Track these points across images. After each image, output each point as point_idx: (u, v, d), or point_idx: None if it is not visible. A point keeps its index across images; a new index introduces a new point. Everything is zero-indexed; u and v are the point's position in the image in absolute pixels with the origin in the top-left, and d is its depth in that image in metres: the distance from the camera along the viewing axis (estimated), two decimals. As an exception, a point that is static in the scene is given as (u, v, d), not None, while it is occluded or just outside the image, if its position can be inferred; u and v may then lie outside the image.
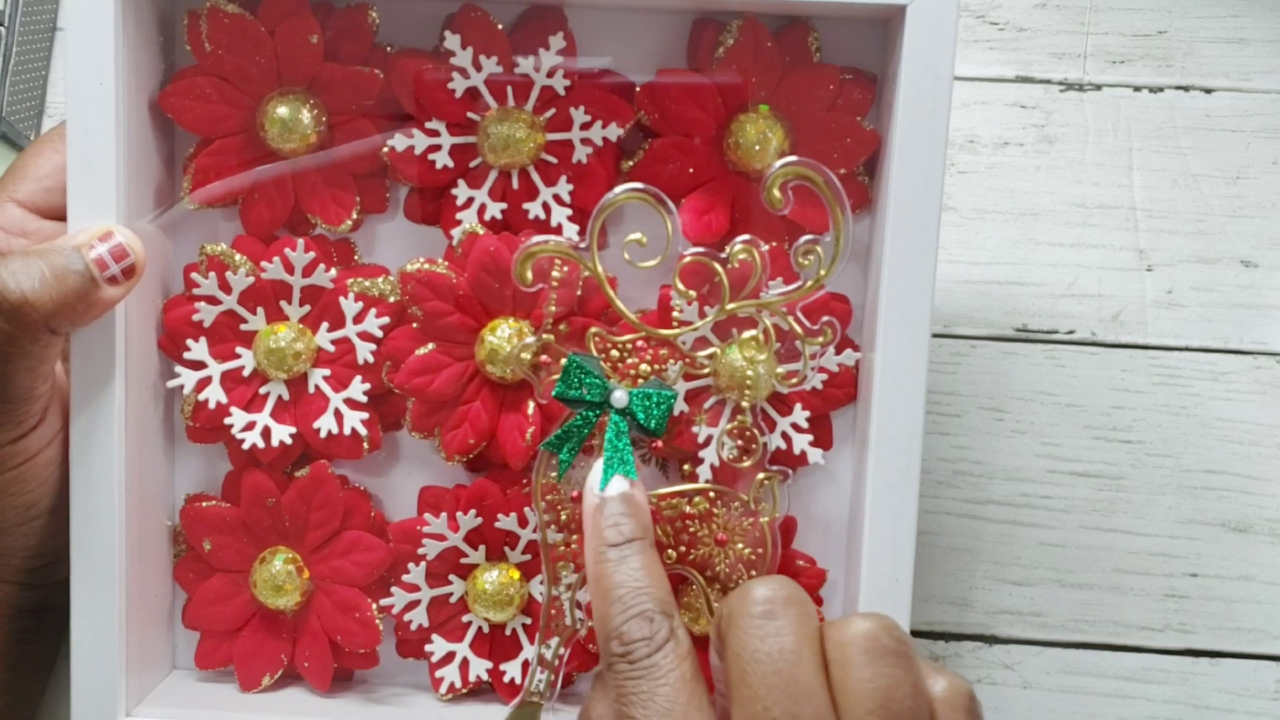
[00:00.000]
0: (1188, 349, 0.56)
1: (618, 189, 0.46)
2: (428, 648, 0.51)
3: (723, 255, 0.46)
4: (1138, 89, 0.58)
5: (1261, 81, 0.58)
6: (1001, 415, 0.57)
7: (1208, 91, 0.58)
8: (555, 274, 0.47)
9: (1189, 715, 0.55)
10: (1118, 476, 0.57)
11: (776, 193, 0.45)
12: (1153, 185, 0.57)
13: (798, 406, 0.49)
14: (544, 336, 0.47)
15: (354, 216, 0.50)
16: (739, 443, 0.47)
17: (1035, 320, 0.47)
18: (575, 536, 0.47)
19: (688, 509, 0.47)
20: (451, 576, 0.51)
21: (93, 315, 0.46)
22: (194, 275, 0.49)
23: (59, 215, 0.48)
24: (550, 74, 0.48)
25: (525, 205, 0.49)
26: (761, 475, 0.47)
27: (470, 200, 0.49)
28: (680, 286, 0.46)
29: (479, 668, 0.51)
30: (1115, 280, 0.57)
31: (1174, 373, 0.57)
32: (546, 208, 0.49)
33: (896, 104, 0.45)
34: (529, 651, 0.51)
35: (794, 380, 0.47)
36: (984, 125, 0.58)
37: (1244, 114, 0.57)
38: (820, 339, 0.46)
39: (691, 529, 0.47)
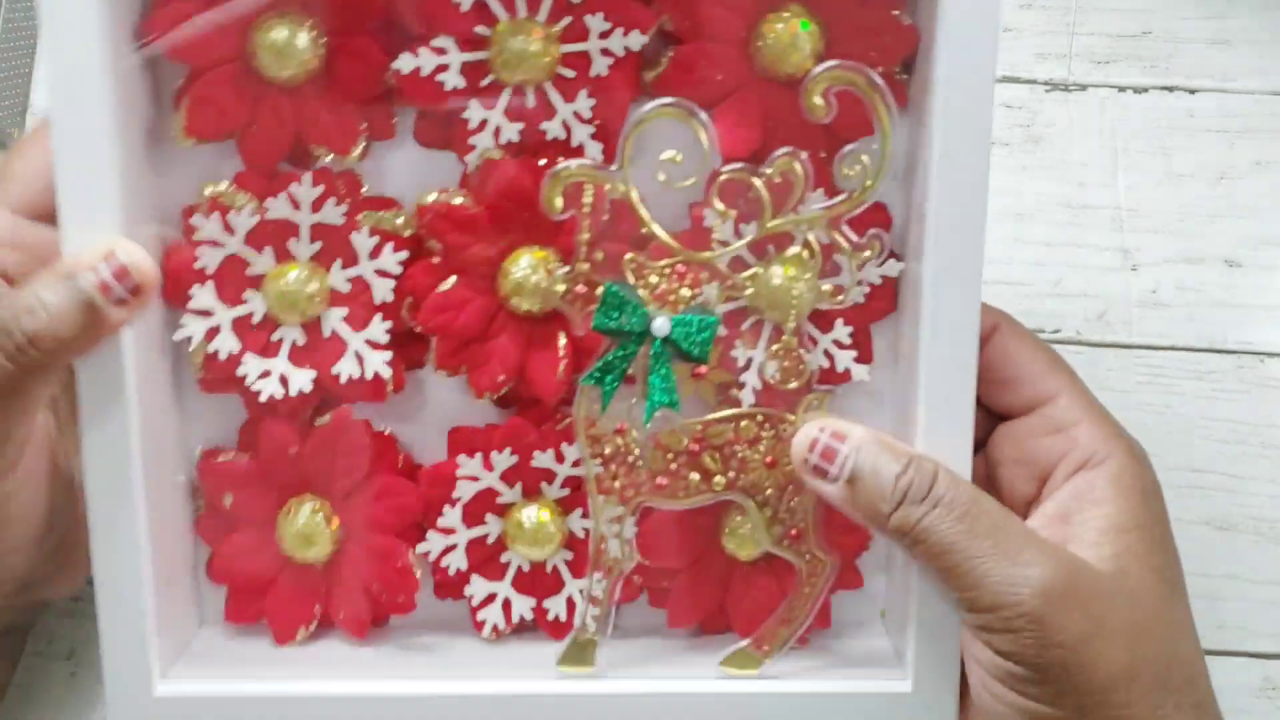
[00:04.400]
0: (1172, 348, 0.56)
1: (648, 105, 0.43)
2: (467, 590, 0.50)
3: (763, 169, 0.44)
4: (1122, 89, 0.58)
5: (1245, 82, 0.58)
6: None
7: (1192, 92, 0.58)
8: (586, 199, 0.44)
9: None
10: None
11: (818, 99, 0.43)
12: (1137, 185, 0.57)
13: (839, 322, 0.47)
14: (579, 266, 0.44)
15: (360, 145, 0.47)
16: (785, 364, 0.45)
17: (1021, 319, 0.47)
18: (620, 469, 0.46)
19: (735, 431, 0.45)
20: (488, 516, 0.49)
21: (101, 341, 0.43)
22: (194, 219, 0.46)
23: (52, 217, 0.45)
24: (563, -20, 0.45)
25: (543, 125, 0.46)
26: (809, 396, 0.45)
27: (484, 123, 0.46)
28: (719, 206, 0.44)
29: (522, 606, 0.50)
30: (1100, 280, 0.57)
31: (1159, 372, 0.56)
32: (566, 126, 0.46)
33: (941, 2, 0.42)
34: (572, 587, 0.50)
35: (840, 297, 0.45)
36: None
37: (1228, 114, 0.57)
38: (867, 253, 0.44)
39: (740, 454, 0.46)
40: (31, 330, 0.41)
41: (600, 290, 0.44)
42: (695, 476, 0.46)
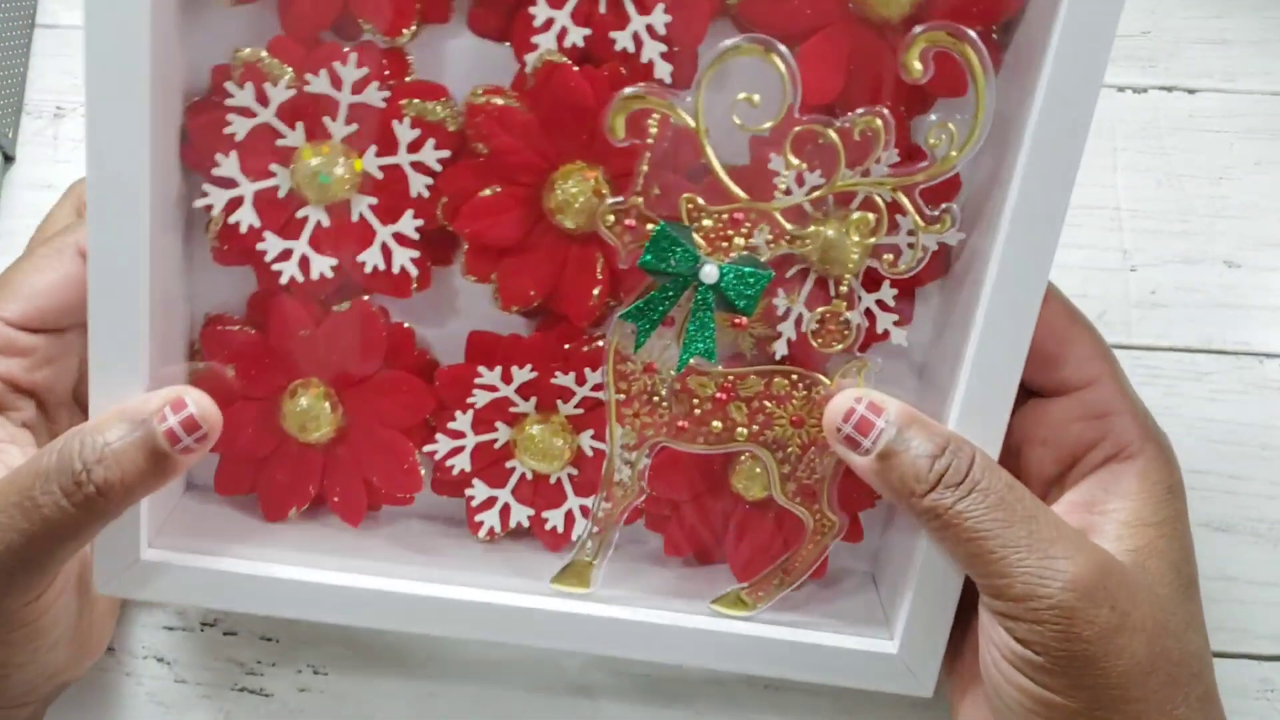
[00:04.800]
0: (1171, 349, 0.56)
1: (731, 40, 0.40)
2: (468, 491, 0.49)
3: (841, 122, 0.41)
4: (1122, 89, 0.56)
5: (1245, 82, 0.56)
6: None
7: (1191, 92, 0.56)
8: (651, 129, 0.41)
9: None
10: None
11: (916, 61, 0.40)
12: (1136, 185, 0.56)
13: (885, 283, 0.45)
14: (633, 199, 0.42)
15: (413, 26, 0.43)
16: (830, 326, 0.44)
17: None
18: (642, 407, 0.45)
19: (766, 386, 0.44)
20: (498, 424, 0.48)
21: (166, 485, 0.42)
22: (228, 85, 0.43)
23: (50, 330, 0.45)
24: (658, -122, 0.41)
25: (612, 34, 0.43)
26: (850, 362, 0.44)
27: (550, 22, 0.42)
28: (791, 158, 0.41)
29: (520, 514, 0.49)
30: (1099, 280, 0.56)
31: (1157, 373, 0.56)
32: (637, 40, 0.43)
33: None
34: (573, 502, 0.49)
35: (901, 267, 0.43)
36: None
37: (1228, 115, 0.56)
38: (938, 226, 0.42)
39: (768, 409, 0.45)
40: (102, 479, 0.40)
41: (651, 228, 0.41)
42: (718, 424, 0.45)
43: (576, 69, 0.43)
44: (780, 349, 0.45)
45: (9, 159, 0.56)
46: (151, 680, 0.53)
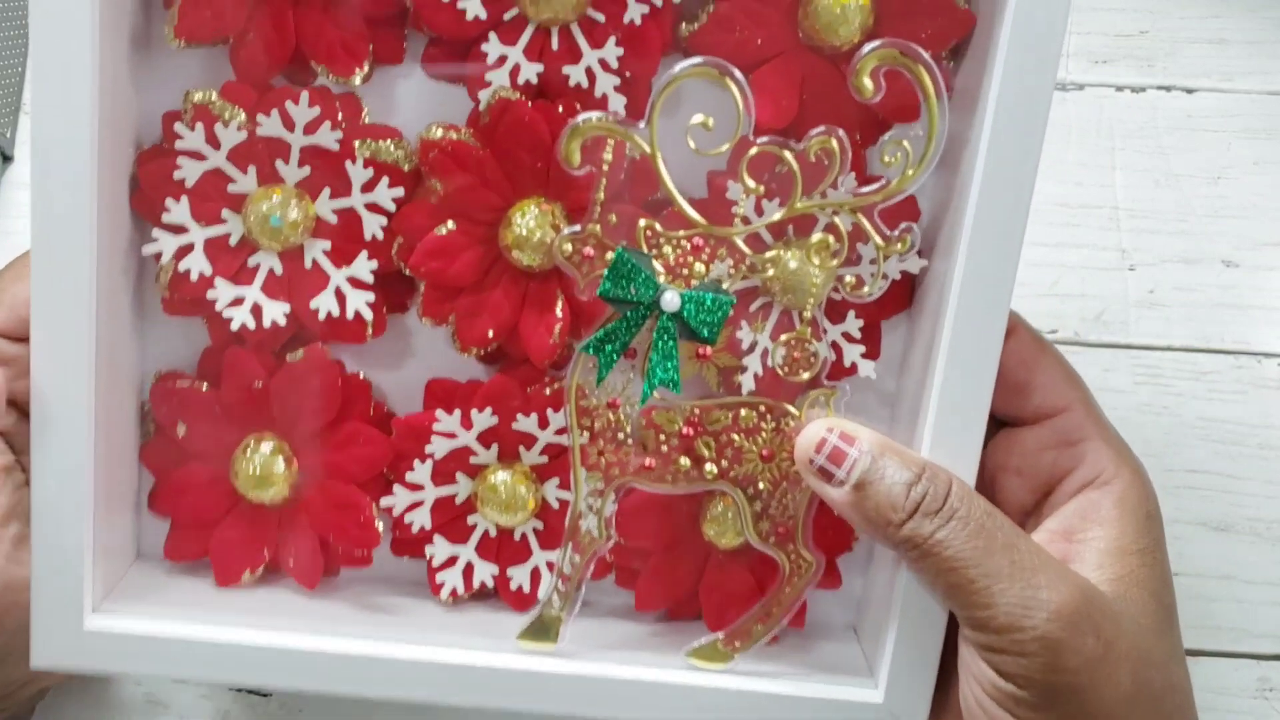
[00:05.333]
0: (1170, 349, 0.56)
1: (685, 63, 0.40)
2: (428, 549, 0.47)
3: (797, 145, 0.41)
4: (1120, 89, 0.56)
5: (1243, 82, 0.57)
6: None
7: (1189, 92, 0.57)
8: (606, 156, 0.41)
9: None
10: None
11: (867, 80, 0.40)
12: (1135, 185, 0.56)
13: (851, 314, 0.45)
14: (590, 227, 0.41)
15: (365, 68, 0.43)
16: (794, 354, 0.43)
17: None
18: (607, 445, 0.43)
19: (734, 419, 0.43)
20: (459, 475, 0.46)
21: None
22: (177, 126, 0.42)
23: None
24: (605, -85, 0.41)
25: (565, 69, 0.43)
26: (816, 392, 0.43)
27: (503, 58, 0.43)
28: (748, 181, 0.41)
29: (484, 572, 0.47)
30: (1098, 280, 0.56)
31: (1156, 372, 0.56)
32: (590, 74, 0.43)
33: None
34: (539, 558, 0.47)
35: (864, 290, 0.43)
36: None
37: (1226, 114, 0.56)
38: (899, 246, 0.42)
39: (736, 443, 0.43)
40: None
41: (610, 255, 0.41)
42: (685, 461, 0.43)
43: (530, 104, 0.43)
44: (747, 382, 0.44)
45: (8, 159, 0.54)
46: (151, 680, 0.52)
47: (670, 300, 0.41)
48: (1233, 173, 0.56)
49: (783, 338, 0.43)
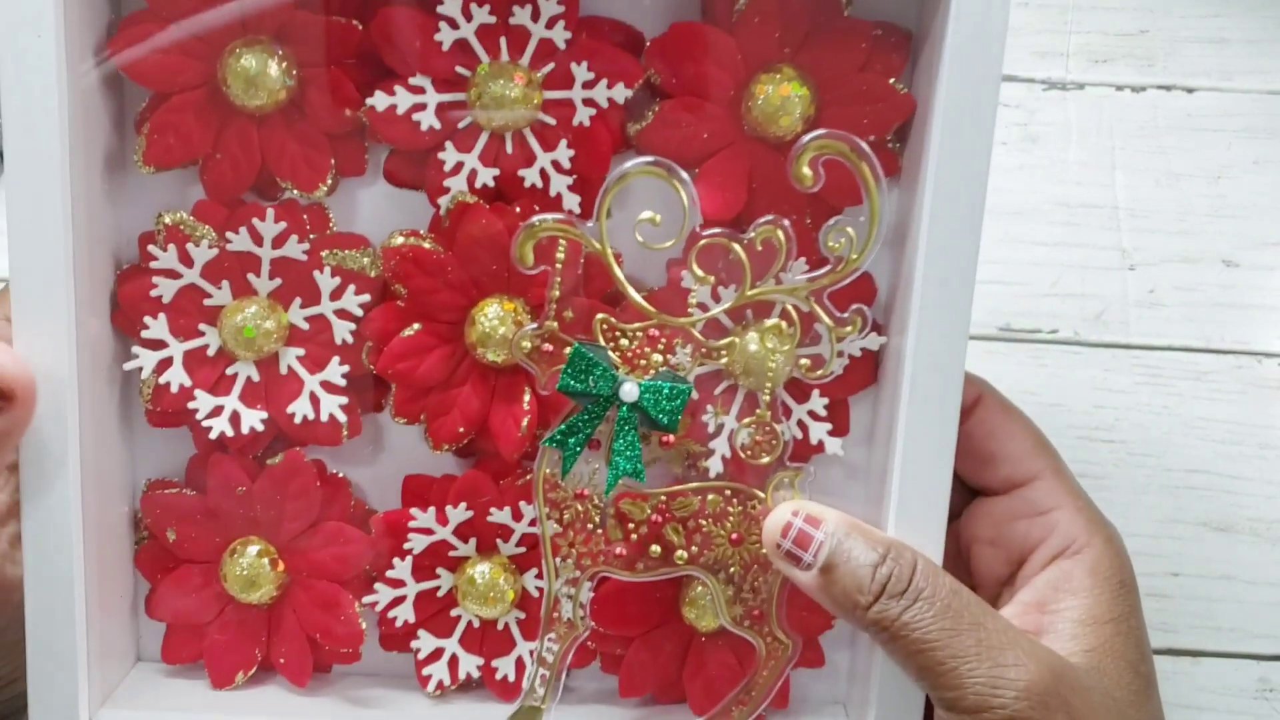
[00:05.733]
0: (1170, 348, 0.56)
1: (629, 163, 0.41)
2: (414, 644, 0.48)
3: (744, 235, 0.42)
4: (1120, 88, 0.57)
5: (1243, 81, 0.57)
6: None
7: (1189, 91, 0.57)
8: (559, 254, 0.42)
9: (1171, 714, 0.54)
10: (1100, 476, 0.56)
11: (806, 169, 0.41)
12: (1135, 185, 0.57)
13: (815, 393, 0.45)
14: (548, 323, 0.43)
15: (329, 181, 0.45)
16: (757, 437, 0.44)
17: (1018, 320, 0.47)
18: (578, 536, 0.44)
19: (701, 504, 0.44)
20: (439, 570, 0.47)
21: None
22: (151, 247, 0.44)
23: None
24: (550, 25, 0.43)
25: (520, 172, 0.44)
26: (781, 473, 0.44)
27: (459, 165, 0.44)
28: (697, 270, 0.42)
29: (469, 664, 0.48)
30: (1098, 280, 0.56)
31: (1156, 372, 0.56)
32: (544, 175, 0.44)
33: (941, 76, 0.40)
34: (523, 648, 0.48)
35: (819, 372, 0.43)
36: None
37: (1226, 114, 0.57)
38: (849, 329, 0.43)
39: (705, 528, 0.44)
40: None
41: (568, 351, 0.42)
42: (656, 549, 0.44)
43: (488, 207, 0.44)
44: (714, 465, 0.44)
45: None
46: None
47: (629, 391, 0.42)
48: (1233, 172, 0.57)
49: (745, 420, 0.44)
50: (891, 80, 0.43)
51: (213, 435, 0.45)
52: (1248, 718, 0.54)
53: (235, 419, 0.46)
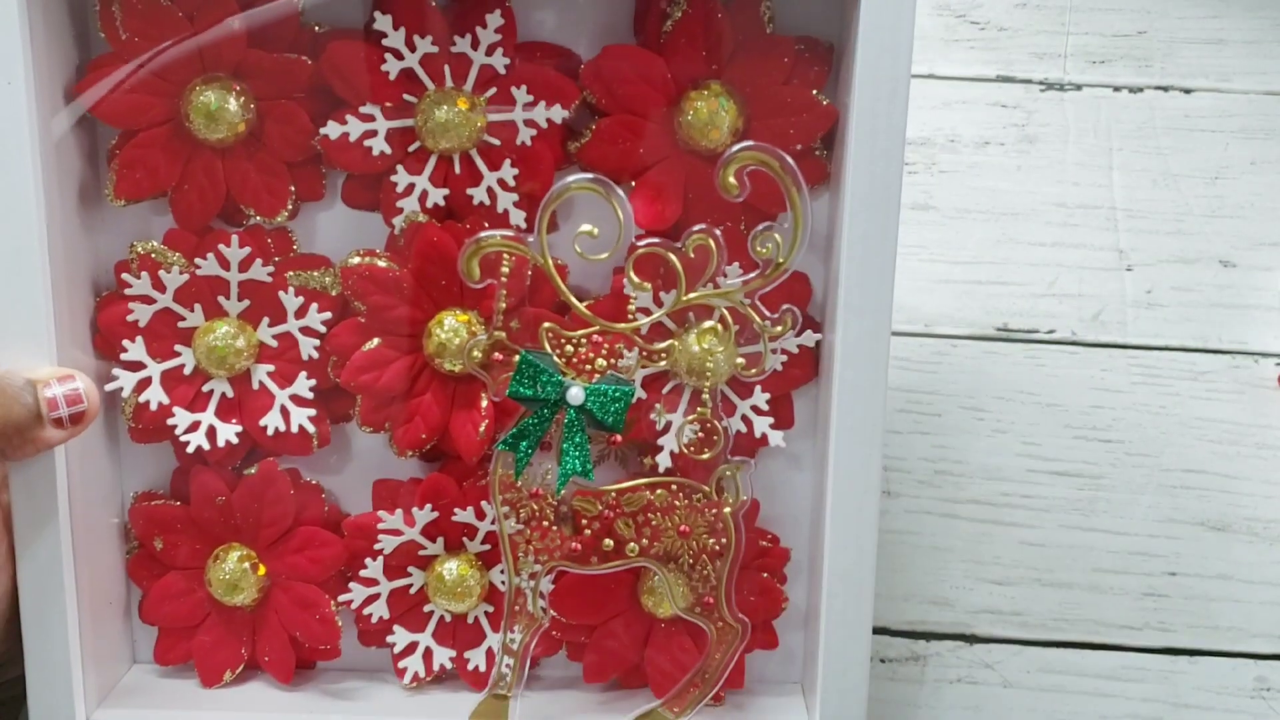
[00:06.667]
0: (1167, 348, 0.56)
1: (565, 180, 0.44)
2: (389, 639, 0.51)
3: (678, 244, 0.45)
4: (1118, 89, 0.57)
5: (1240, 82, 0.57)
6: (982, 414, 0.57)
7: (1187, 92, 0.57)
8: (504, 268, 0.45)
9: (1168, 713, 0.56)
10: (1097, 476, 0.57)
11: (732, 179, 0.43)
12: (1133, 185, 0.57)
13: (757, 389, 0.48)
14: (495, 333, 0.45)
15: (289, 206, 0.47)
16: (699, 434, 0.46)
17: (1016, 320, 0.47)
18: (535, 533, 0.46)
19: (650, 498, 0.46)
20: (410, 568, 0.50)
21: (30, 453, 0.44)
22: (126, 275, 0.47)
23: None
24: (489, 52, 0.45)
25: (469, 191, 0.47)
26: (724, 466, 0.46)
27: (411, 187, 0.47)
28: (634, 278, 0.45)
29: (442, 656, 0.51)
30: (1095, 280, 0.57)
31: (1153, 372, 0.56)
32: (491, 193, 0.47)
33: (854, 87, 0.42)
34: (493, 639, 0.50)
35: (754, 370, 0.46)
36: (965, 125, 0.57)
37: (1223, 114, 0.57)
38: (779, 328, 0.45)
39: (654, 522, 0.46)
40: None
41: (516, 358, 0.44)
42: (609, 542, 0.46)
43: (440, 225, 0.47)
44: (664, 461, 0.47)
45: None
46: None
47: (575, 395, 0.44)
48: (1230, 173, 0.57)
49: (688, 417, 0.46)
50: (814, 92, 0.46)
51: (190, 449, 0.48)
52: (1245, 716, 0.55)
53: (212, 433, 0.48)
